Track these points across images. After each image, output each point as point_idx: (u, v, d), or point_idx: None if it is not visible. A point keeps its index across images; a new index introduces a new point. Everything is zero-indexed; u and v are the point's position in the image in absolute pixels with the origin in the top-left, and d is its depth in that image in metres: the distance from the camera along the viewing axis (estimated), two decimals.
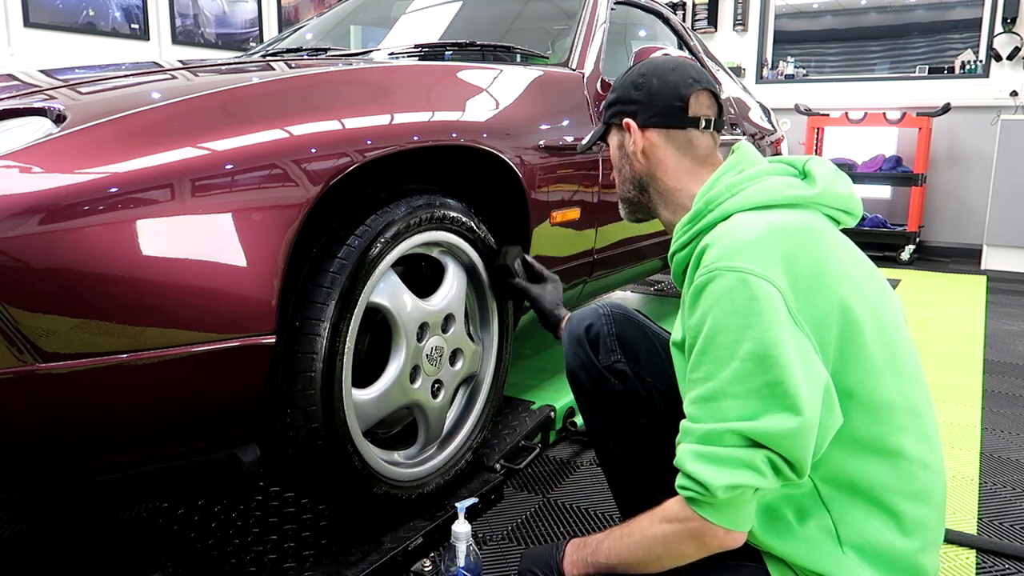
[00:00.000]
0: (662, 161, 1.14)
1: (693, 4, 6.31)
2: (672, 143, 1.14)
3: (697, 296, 0.96)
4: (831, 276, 0.95)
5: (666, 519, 0.98)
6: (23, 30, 3.92)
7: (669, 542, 0.98)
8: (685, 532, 0.96)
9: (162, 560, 1.41)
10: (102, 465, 1.12)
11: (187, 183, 1.07)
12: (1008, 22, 5.20)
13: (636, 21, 2.90)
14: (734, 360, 0.91)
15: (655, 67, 1.16)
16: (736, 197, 1.03)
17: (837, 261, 0.97)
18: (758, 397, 0.90)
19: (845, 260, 0.99)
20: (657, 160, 1.15)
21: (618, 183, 1.23)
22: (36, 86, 1.36)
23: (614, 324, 1.31)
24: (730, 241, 0.96)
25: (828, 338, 0.94)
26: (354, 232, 1.33)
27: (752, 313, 0.90)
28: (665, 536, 0.98)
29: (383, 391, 1.41)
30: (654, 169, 1.15)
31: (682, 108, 1.13)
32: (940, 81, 5.49)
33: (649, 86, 1.15)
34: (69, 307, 0.99)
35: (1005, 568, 1.54)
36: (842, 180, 1.06)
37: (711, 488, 0.90)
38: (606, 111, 1.21)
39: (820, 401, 0.91)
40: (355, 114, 1.34)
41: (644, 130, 1.15)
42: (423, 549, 1.47)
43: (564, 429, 2.05)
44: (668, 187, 1.15)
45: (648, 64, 1.17)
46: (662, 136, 1.14)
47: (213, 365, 1.12)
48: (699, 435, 0.93)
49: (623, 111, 1.17)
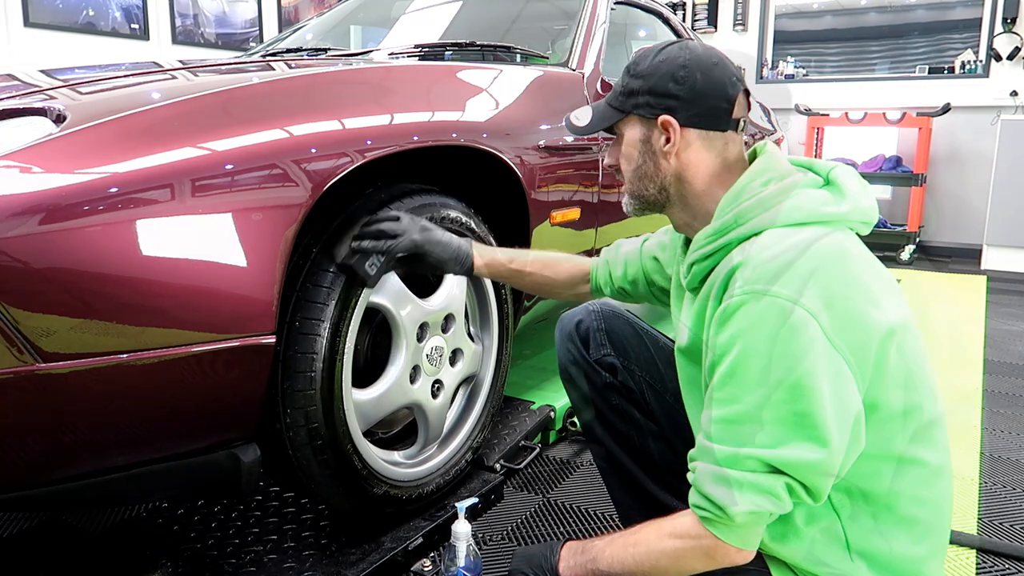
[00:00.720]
0: (693, 163, 1.06)
1: (693, 4, 6.31)
2: (708, 146, 1.06)
3: (729, 317, 0.93)
4: (866, 298, 0.93)
5: (676, 534, 0.97)
6: (23, 30, 3.91)
7: (679, 557, 0.97)
8: (696, 549, 0.95)
9: (162, 560, 1.41)
10: (102, 465, 1.12)
11: (187, 183, 1.07)
12: (1008, 22, 5.20)
13: (636, 21, 2.90)
14: (763, 387, 0.89)
15: (697, 60, 1.04)
16: (768, 213, 0.98)
17: (868, 280, 0.95)
18: (785, 425, 0.88)
19: (873, 277, 0.97)
20: (688, 162, 1.06)
21: (632, 178, 1.12)
22: (36, 86, 1.36)
23: (603, 320, 1.34)
24: (765, 263, 0.92)
25: (867, 359, 0.91)
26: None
27: (786, 341, 0.88)
28: (675, 551, 0.97)
29: (383, 391, 1.41)
30: (683, 171, 1.07)
31: (727, 111, 1.05)
32: (940, 81, 5.49)
33: (692, 82, 1.04)
34: (69, 307, 0.99)
35: (1005, 568, 1.54)
36: (866, 192, 1.03)
37: (729, 512, 0.90)
38: (627, 98, 1.09)
39: (848, 433, 0.90)
40: (355, 114, 1.34)
41: (683, 129, 1.05)
42: (423, 549, 1.47)
43: (564, 429, 2.05)
44: (694, 191, 1.07)
45: (685, 54, 1.05)
46: (700, 138, 1.05)
47: (213, 365, 1.12)
48: (719, 457, 0.92)
49: (658, 105, 1.06)
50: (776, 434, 0.89)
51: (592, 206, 2.00)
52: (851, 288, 0.92)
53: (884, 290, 0.96)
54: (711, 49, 1.08)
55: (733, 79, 1.05)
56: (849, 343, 0.90)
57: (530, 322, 2.04)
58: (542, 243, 1.82)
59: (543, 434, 2.01)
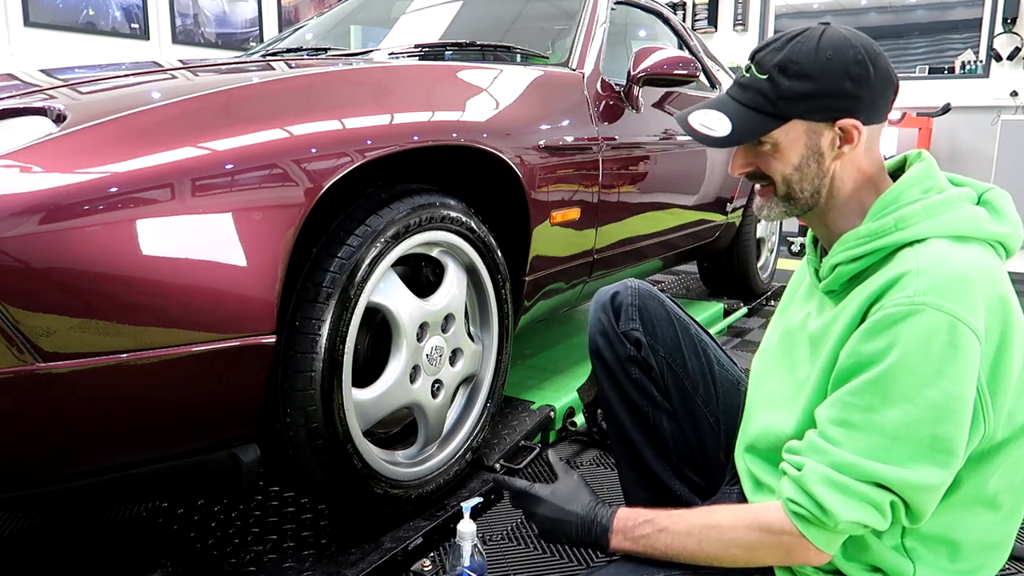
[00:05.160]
0: (852, 162, 0.98)
1: (693, 4, 6.32)
2: (873, 139, 0.99)
3: (889, 325, 0.87)
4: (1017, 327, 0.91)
5: (761, 527, 0.94)
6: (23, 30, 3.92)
7: (754, 549, 0.94)
8: (777, 545, 0.93)
9: (162, 560, 1.41)
10: (102, 465, 1.12)
11: (187, 183, 1.07)
12: (1008, 22, 5.20)
13: (636, 21, 2.90)
14: (910, 403, 0.86)
15: (867, 51, 0.95)
16: (933, 220, 0.93)
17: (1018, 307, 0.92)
18: (917, 446, 0.86)
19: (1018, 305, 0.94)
20: (852, 159, 0.98)
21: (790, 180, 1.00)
22: (36, 86, 1.36)
23: (638, 297, 1.34)
24: (940, 275, 0.87)
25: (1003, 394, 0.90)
26: (354, 232, 1.33)
27: (948, 362, 0.84)
28: (753, 543, 0.94)
29: (383, 391, 1.41)
30: (845, 170, 0.99)
31: (893, 97, 0.97)
32: (940, 81, 5.49)
33: (869, 78, 0.94)
34: (69, 307, 0.99)
35: (1005, 568, 1.54)
36: (1020, 221, 0.99)
37: (834, 518, 0.87)
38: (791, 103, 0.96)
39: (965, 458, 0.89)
40: (355, 114, 1.34)
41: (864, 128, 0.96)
42: (423, 549, 1.47)
43: (564, 429, 2.05)
44: (845, 192, 1.00)
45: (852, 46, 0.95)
46: (870, 134, 0.97)
47: (213, 365, 1.12)
48: (834, 461, 0.89)
49: (836, 107, 0.95)
50: (904, 452, 0.86)
51: (592, 206, 2.00)
52: (1008, 315, 0.89)
53: None
54: (859, 33, 0.99)
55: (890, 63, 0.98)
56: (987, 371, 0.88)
57: (530, 322, 2.04)
58: (542, 243, 1.82)
59: (543, 434, 2.01)
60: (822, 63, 0.94)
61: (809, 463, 0.90)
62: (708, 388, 1.29)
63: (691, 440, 1.30)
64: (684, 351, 1.32)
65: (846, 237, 0.98)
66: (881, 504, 0.87)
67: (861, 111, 0.95)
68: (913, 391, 0.85)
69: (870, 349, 0.89)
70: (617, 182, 2.11)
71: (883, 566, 0.96)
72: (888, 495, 0.87)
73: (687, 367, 1.31)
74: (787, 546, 0.92)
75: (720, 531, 0.96)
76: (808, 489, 0.89)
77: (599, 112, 2.07)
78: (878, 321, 0.89)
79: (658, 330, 1.33)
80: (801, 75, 0.95)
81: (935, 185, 0.98)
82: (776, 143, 0.99)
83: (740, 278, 3.38)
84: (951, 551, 0.96)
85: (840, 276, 0.99)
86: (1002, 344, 0.89)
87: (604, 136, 2.04)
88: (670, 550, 0.99)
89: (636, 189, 2.23)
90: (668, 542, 0.99)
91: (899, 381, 0.86)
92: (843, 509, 0.87)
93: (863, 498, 0.87)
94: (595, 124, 2.03)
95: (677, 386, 1.31)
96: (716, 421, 1.28)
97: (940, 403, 0.85)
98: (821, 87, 0.94)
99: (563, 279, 2.01)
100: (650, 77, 2.19)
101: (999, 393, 0.90)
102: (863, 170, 0.99)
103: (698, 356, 1.31)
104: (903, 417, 0.86)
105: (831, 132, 0.96)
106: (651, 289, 1.37)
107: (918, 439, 0.85)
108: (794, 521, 0.91)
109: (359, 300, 1.33)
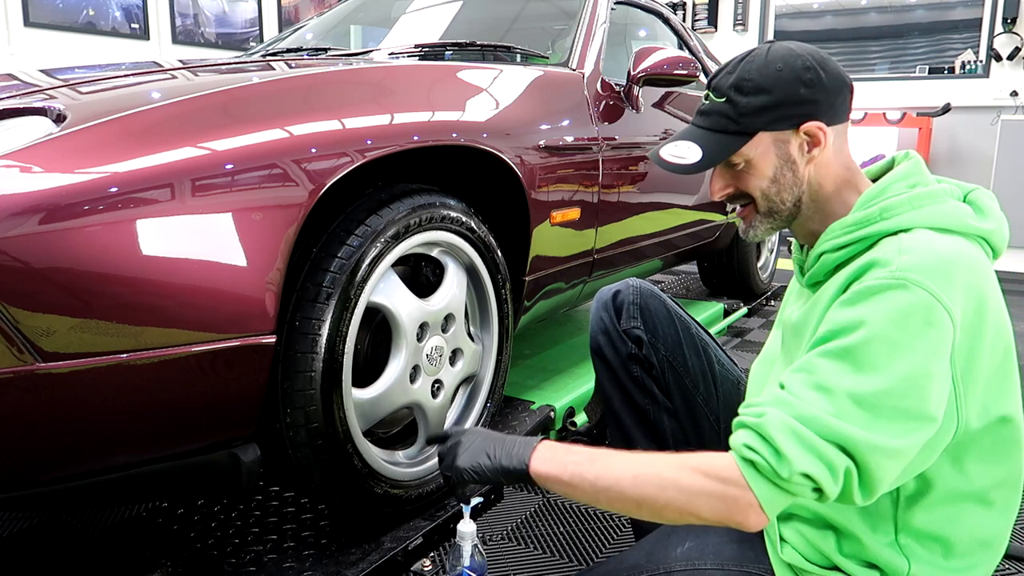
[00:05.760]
0: (828, 163, 1.02)
1: (693, 4, 6.32)
2: (840, 139, 1.02)
3: (868, 295, 0.89)
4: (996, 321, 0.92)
5: (706, 472, 0.89)
6: (23, 30, 3.92)
7: (694, 494, 0.88)
8: (720, 494, 0.87)
9: (162, 560, 1.41)
10: (102, 465, 1.12)
11: (187, 183, 1.07)
12: (1008, 22, 5.20)
13: (636, 21, 2.90)
14: (879, 373, 0.86)
15: (813, 56, 1.00)
16: (917, 211, 0.95)
17: (999, 304, 0.94)
18: (880, 413, 0.85)
19: (1001, 302, 0.96)
20: (824, 162, 1.01)
21: (769, 195, 1.04)
22: (36, 86, 1.36)
23: (640, 296, 1.35)
24: (924, 256, 0.89)
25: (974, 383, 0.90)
26: (354, 232, 1.33)
27: (921, 338, 0.85)
28: (693, 488, 0.88)
29: (383, 391, 1.41)
30: (819, 174, 1.02)
31: (850, 98, 1.02)
32: (940, 81, 5.50)
33: (821, 80, 0.99)
34: (69, 307, 0.99)
35: (1005, 568, 1.54)
36: (1005, 220, 1.01)
37: (788, 465, 0.84)
38: (750, 117, 1.00)
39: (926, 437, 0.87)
40: (355, 114, 1.34)
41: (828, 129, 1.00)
42: (423, 549, 1.47)
43: (564, 429, 2.05)
44: (827, 192, 1.03)
45: (798, 55, 1.00)
46: (836, 133, 1.01)
47: (213, 365, 1.12)
48: (799, 414, 0.86)
49: (797, 113, 0.99)
50: (871, 419, 0.85)
51: (592, 206, 2.00)
52: (985, 305, 0.90)
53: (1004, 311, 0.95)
54: (804, 44, 1.04)
55: (841, 67, 1.03)
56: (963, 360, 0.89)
57: (530, 322, 2.04)
58: (542, 243, 1.82)
59: (543, 434, 2.01)
60: (774, 75, 0.99)
61: (772, 412, 0.88)
62: (708, 387, 1.30)
63: (691, 438, 1.30)
64: (685, 350, 1.32)
65: (832, 227, 1.00)
66: (836, 466, 0.84)
67: (821, 113, 0.99)
68: (884, 361, 0.86)
69: (846, 316, 0.89)
70: (617, 182, 2.11)
71: (878, 563, 0.96)
72: (844, 460, 0.85)
73: (688, 365, 1.31)
74: (730, 497, 0.87)
75: (661, 469, 0.90)
76: (767, 434, 0.86)
77: (599, 112, 2.07)
78: (858, 292, 0.90)
79: (659, 329, 1.33)
80: (757, 90, 1.00)
81: (921, 181, 1.00)
82: (748, 159, 1.02)
83: (740, 278, 3.38)
84: (945, 548, 0.96)
85: (824, 265, 1.00)
86: (976, 335, 0.90)
87: (604, 136, 2.04)
88: (599, 482, 0.92)
89: (636, 189, 2.23)
90: (600, 472, 0.92)
91: (871, 351, 0.86)
92: (799, 459, 0.84)
93: (821, 455, 0.84)
94: (595, 124, 2.03)
95: (678, 384, 1.31)
96: (716, 420, 1.28)
97: (909, 377, 0.85)
98: (777, 97, 0.99)
99: (563, 279, 2.01)
100: (650, 77, 2.19)
101: (971, 383, 0.90)
102: (838, 172, 1.02)
103: (699, 355, 1.32)
104: (871, 385, 0.86)
105: (797, 138, 1.00)
106: (652, 288, 1.38)
107: (882, 408, 0.85)
108: (743, 470, 0.87)
109: (359, 300, 1.33)
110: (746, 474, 0.87)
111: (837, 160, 1.02)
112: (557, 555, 1.53)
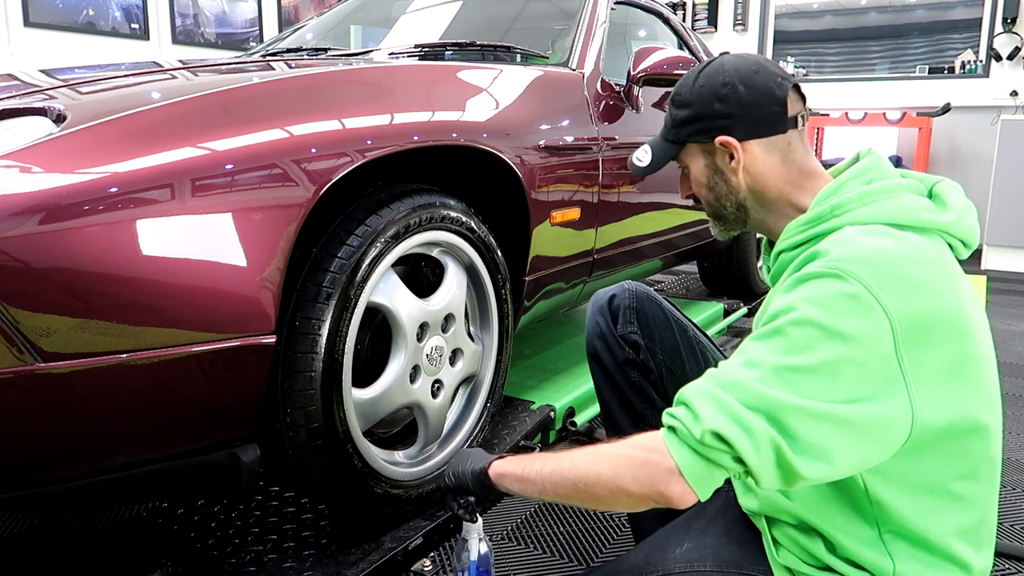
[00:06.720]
0: (762, 173, 1.06)
1: (693, 4, 6.32)
2: (774, 151, 1.05)
3: (803, 281, 0.90)
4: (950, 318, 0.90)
5: (633, 443, 0.91)
6: (23, 30, 3.92)
7: (619, 465, 0.90)
8: (642, 463, 0.89)
9: (162, 560, 1.41)
10: (102, 465, 1.12)
11: (187, 183, 1.07)
12: (1008, 22, 5.20)
13: (636, 21, 2.90)
14: (804, 353, 0.86)
15: (736, 72, 1.05)
16: (868, 208, 0.96)
17: (959, 298, 0.92)
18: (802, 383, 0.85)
19: (964, 296, 0.94)
20: (757, 173, 1.06)
21: (709, 202, 1.12)
22: (36, 86, 1.36)
23: (635, 300, 1.35)
24: (862, 249, 0.90)
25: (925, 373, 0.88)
26: (354, 232, 1.33)
27: (847, 327, 0.85)
28: (619, 458, 0.91)
29: (383, 391, 1.41)
30: (755, 182, 1.06)
31: (782, 112, 1.04)
32: (940, 81, 5.49)
33: (737, 96, 1.04)
34: (69, 307, 0.99)
35: (1005, 568, 1.54)
36: (970, 211, 1.01)
37: (701, 422, 0.85)
38: (680, 129, 1.09)
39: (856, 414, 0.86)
40: (355, 114, 1.34)
41: (743, 143, 1.05)
42: (423, 549, 1.47)
43: (564, 429, 2.05)
44: (770, 199, 1.07)
45: (723, 71, 1.05)
46: (763, 146, 1.05)
47: (213, 365, 1.12)
48: (721, 380, 0.88)
49: (712, 127, 1.06)
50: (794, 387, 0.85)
51: (592, 206, 2.00)
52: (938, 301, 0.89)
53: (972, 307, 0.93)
54: (747, 57, 1.07)
55: (778, 80, 1.04)
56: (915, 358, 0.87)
57: (530, 322, 2.04)
58: (542, 243, 1.82)
59: (543, 434, 2.01)
60: (696, 90, 1.07)
61: (699, 382, 0.91)
62: None
63: None
64: (683, 353, 1.32)
65: (788, 226, 1.03)
66: (755, 431, 0.83)
67: (737, 128, 1.05)
68: (810, 344, 0.86)
69: (781, 302, 0.91)
70: (617, 182, 2.11)
71: (864, 563, 0.96)
72: (767, 428, 0.84)
73: (686, 369, 1.31)
74: (651, 463, 0.88)
75: (599, 448, 0.95)
76: (684, 398, 0.89)
77: (599, 112, 2.07)
78: (795, 279, 0.92)
79: (656, 333, 1.33)
80: (683, 103, 1.09)
81: (878, 176, 1.01)
82: (687, 167, 1.13)
83: (740, 278, 3.38)
84: (926, 545, 0.96)
85: (783, 263, 1.03)
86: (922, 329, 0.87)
87: (604, 136, 2.04)
88: (545, 469, 0.98)
89: (636, 189, 2.23)
90: (549, 463, 0.98)
91: (799, 332, 0.87)
92: (710, 416, 0.85)
93: (737, 419, 0.84)
94: (595, 124, 2.03)
95: (676, 388, 1.30)
96: None
97: (833, 361, 0.85)
98: (696, 111, 1.07)
99: (563, 279, 2.01)
100: (650, 77, 2.19)
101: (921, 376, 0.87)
102: (781, 179, 1.06)
103: (696, 358, 1.31)
104: (795, 362, 0.86)
105: (719, 151, 1.07)
106: (648, 291, 1.38)
107: (803, 381, 0.85)
108: (664, 435, 0.88)
109: (359, 300, 1.33)
110: (666, 439, 0.89)
111: (779, 169, 1.05)
112: (557, 555, 1.53)
